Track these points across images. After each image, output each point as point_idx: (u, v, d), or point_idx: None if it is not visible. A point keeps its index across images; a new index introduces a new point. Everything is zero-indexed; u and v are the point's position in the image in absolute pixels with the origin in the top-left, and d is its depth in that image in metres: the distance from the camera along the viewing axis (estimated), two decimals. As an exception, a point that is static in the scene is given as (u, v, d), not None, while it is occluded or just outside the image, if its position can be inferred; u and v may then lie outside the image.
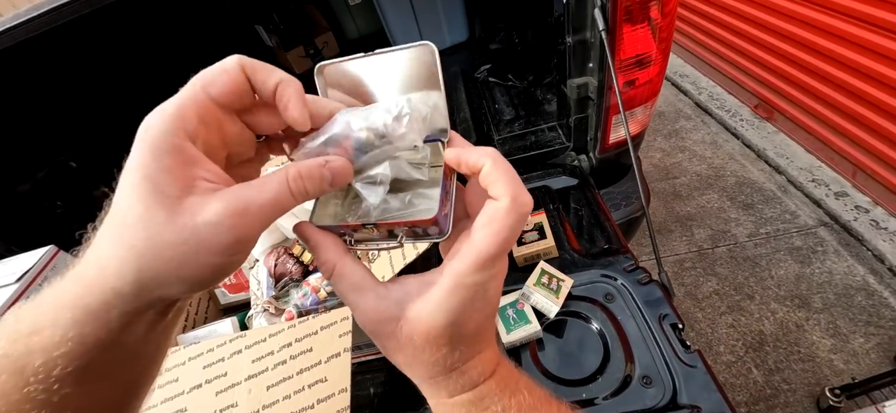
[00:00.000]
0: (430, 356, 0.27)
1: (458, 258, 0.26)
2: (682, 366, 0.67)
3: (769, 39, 2.25)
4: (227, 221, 0.22)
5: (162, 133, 0.23)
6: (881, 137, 1.81)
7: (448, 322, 0.26)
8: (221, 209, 0.22)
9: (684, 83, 2.96)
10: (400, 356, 0.28)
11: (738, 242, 2.03)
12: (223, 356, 0.69)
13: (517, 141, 1.20)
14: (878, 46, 1.68)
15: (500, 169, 0.26)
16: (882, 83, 1.72)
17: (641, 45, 0.85)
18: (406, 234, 0.29)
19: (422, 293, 0.27)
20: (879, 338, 1.62)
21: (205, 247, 0.22)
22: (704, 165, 2.44)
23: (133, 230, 0.22)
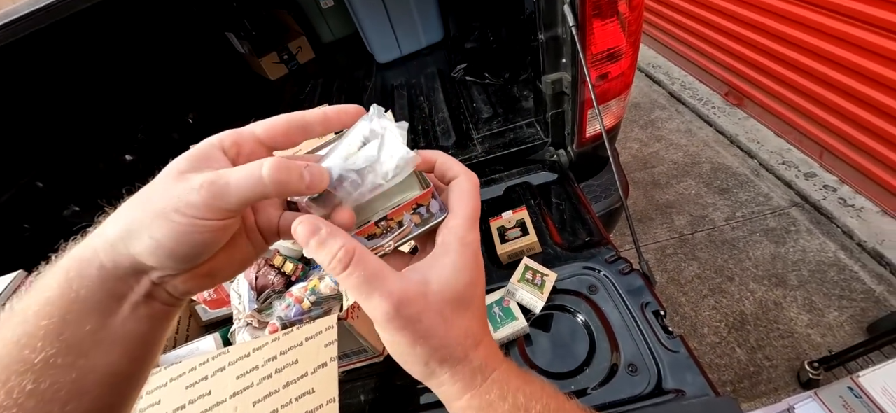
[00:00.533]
0: (460, 328, 0.29)
1: (450, 228, 0.30)
2: (666, 351, 0.68)
3: (737, 29, 2.32)
4: (200, 184, 0.25)
5: (208, 139, 0.28)
6: (846, 119, 1.88)
7: (468, 281, 0.29)
8: (201, 177, 0.25)
9: (657, 74, 3.03)
10: (429, 342, 0.28)
11: (716, 226, 2.09)
12: (206, 374, 0.68)
13: (496, 138, 1.20)
14: (841, 32, 1.75)
15: (449, 158, 0.33)
16: (845, 67, 1.79)
17: (612, 40, 0.87)
18: (413, 220, 0.31)
19: (435, 266, 0.29)
20: (852, 310, 1.69)
21: (175, 202, 0.25)
22: (680, 153, 2.49)
23: (138, 194, 0.26)
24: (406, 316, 0.27)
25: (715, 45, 2.55)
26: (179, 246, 0.25)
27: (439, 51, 1.88)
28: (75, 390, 0.25)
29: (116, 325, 0.26)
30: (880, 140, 1.77)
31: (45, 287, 0.25)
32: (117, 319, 0.26)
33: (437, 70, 1.69)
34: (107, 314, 0.26)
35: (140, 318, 0.27)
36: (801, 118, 2.12)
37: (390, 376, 0.82)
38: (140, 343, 0.28)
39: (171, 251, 0.25)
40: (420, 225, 0.31)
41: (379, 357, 0.83)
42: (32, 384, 0.23)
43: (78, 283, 0.25)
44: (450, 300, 0.28)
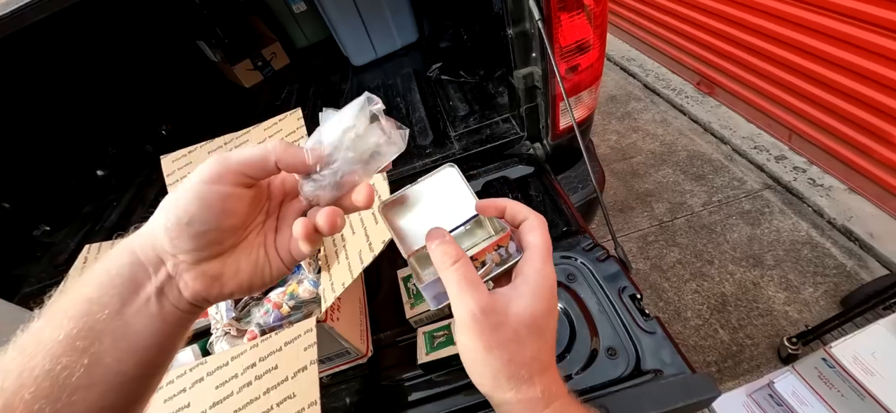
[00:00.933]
0: (531, 350, 0.31)
1: (528, 263, 0.34)
2: (643, 333, 0.69)
3: (707, 20, 2.38)
4: (212, 157, 0.30)
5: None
6: (812, 103, 1.95)
7: (544, 310, 0.32)
8: (215, 157, 0.30)
9: (632, 67, 3.09)
10: (501, 353, 0.31)
11: (695, 212, 2.14)
12: (184, 386, 0.66)
13: (473, 135, 1.21)
14: (805, 20, 1.82)
15: (517, 204, 0.37)
16: (810, 54, 1.86)
17: (579, 32, 0.88)
18: (494, 260, 0.36)
19: (515, 292, 0.33)
20: (826, 286, 1.74)
21: (194, 175, 0.29)
22: (657, 143, 2.55)
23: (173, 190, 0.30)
24: (487, 322, 0.30)
25: (686, 36, 2.62)
26: (191, 215, 0.28)
27: (414, 51, 1.88)
28: (84, 380, 0.26)
29: (129, 316, 0.29)
30: (845, 122, 1.84)
31: (89, 271, 0.29)
32: (131, 309, 0.29)
33: (413, 70, 1.69)
34: (124, 303, 0.29)
35: (150, 316, 0.29)
36: (770, 104, 2.19)
37: (375, 377, 0.81)
38: (146, 343, 0.29)
39: (184, 222, 0.28)
40: (500, 264, 0.36)
41: (362, 359, 0.82)
42: (49, 364, 0.25)
43: (114, 266, 0.29)
44: (527, 323, 0.31)
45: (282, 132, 0.95)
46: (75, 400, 0.26)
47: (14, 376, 0.25)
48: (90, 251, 0.91)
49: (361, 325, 0.83)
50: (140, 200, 1.50)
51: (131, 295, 0.29)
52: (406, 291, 0.84)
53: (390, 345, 0.84)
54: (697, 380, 0.61)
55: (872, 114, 1.72)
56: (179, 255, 0.29)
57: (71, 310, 0.27)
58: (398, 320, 0.84)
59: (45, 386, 0.25)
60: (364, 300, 0.89)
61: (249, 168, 0.30)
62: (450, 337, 0.74)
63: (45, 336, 0.26)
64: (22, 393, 0.25)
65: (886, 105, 1.65)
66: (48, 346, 0.26)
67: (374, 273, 0.98)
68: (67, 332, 0.26)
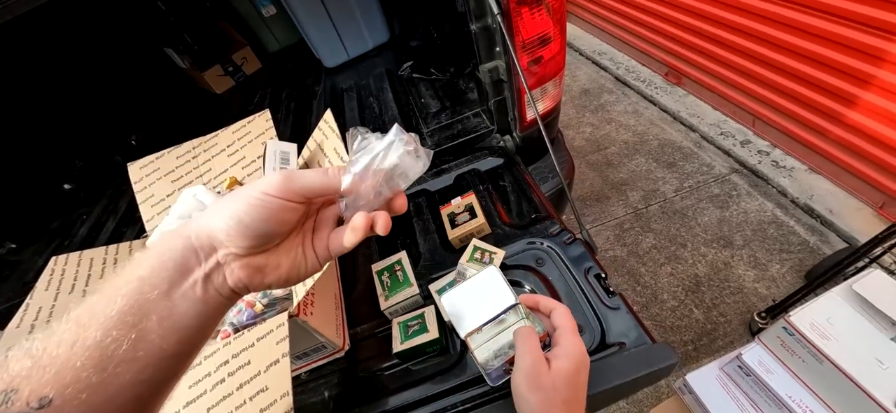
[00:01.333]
0: (563, 393, 0.43)
1: (562, 336, 0.48)
2: (608, 310, 0.72)
3: (674, 14, 2.46)
4: (280, 174, 0.34)
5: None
6: (774, 90, 2.04)
7: (574, 369, 0.45)
8: (279, 175, 0.34)
9: (603, 61, 3.16)
10: (539, 393, 0.43)
11: (667, 198, 2.20)
12: (157, 390, 0.66)
13: (445, 131, 1.23)
14: (767, 11, 1.89)
15: (548, 298, 0.54)
16: (772, 43, 1.94)
17: (540, 26, 0.91)
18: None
19: (556, 352, 0.46)
20: (791, 262, 1.82)
21: (260, 185, 0.33)
22: (630, 133, 2.61)
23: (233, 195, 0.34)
24: (534, 373, 0.44)
25: (654, 30, 2.70)
26: (252, 219, 0.32)
27: (386, 51, 1.89)
28: (129, 353, 0.29)
29: (176, 298, 0.31)
30: (804, 106, 1.93)
31: (143, 252, 0.32)
32: (178, 292, 0.31)
33: (386, 70, 1.70)
34: (173, 285, 0.31)
35: (195, 300, 0.32)
36: (735, 92, 2.28)
37: (353, 370, 0.82)
38: (187, 324, 0.32)
39: (244, 223, 0.32)
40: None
41: (340, 352, 0.83)
42: (100, 335, 0.28)
43: (166, 250, 0.32)
44: (562, 376, 0.44)
45: (251, 134, 0.96)
46: (119, 371, 0.28)
47: (67, 345, 0.27)
48: (57, 263, 0.89)
49: (337, 320, 0.84)
50: (111, 212, 1.47)
51: (180, 278, 0.31)
52: (380, 285, 0.86)
53: (367, 337, 0.85)
54: (657, 349, 0.64)
55: (828, 97, 1.80)
56: (232, 247, 0.33)
57: (123, 288, 0.29)
58: (374, 313, 0.86)
59: (95, 356, 0.27)
60: (340, 295, 0.90)
61: (312, 193, 0.35)
62: (423, 325, 0.76)
63: (99, 309, 0.28)
64: (73, 361, 0.27)
65: (840, 88, 1.73)
66: (101, 319, 0.28)
67: (350, 270, 0.99)
68: (119, 308, 0.29)
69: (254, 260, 0.34)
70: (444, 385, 0.71)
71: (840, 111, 1.77)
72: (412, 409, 0.70)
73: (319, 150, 0.90)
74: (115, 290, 0.29)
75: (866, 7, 1.54)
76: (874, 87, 1.62)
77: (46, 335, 0.28)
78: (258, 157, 0.95)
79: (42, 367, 0.26)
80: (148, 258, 0.31)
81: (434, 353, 0.77)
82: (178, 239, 0.32)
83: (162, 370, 0.31)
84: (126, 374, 0.28)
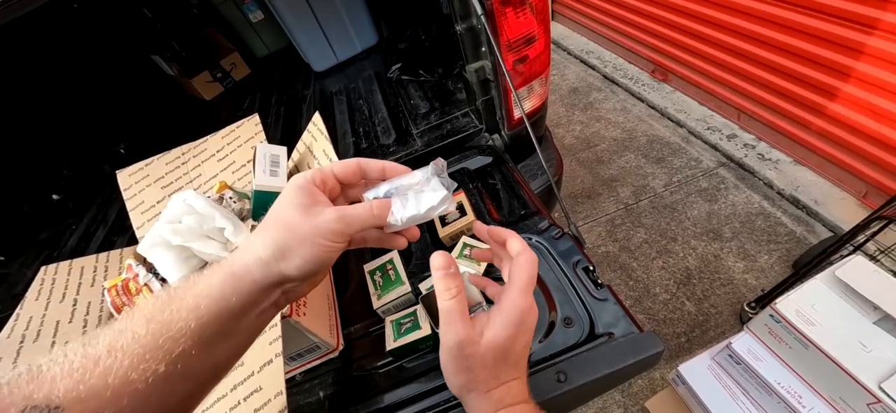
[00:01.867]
0: (494, 369, 0.39)
1: (506, 293, 0.40)
2: (596, 301, 0.73)
3: (659, 12, 2.49)
4: (335, 218, 0.36)
5: (303, 179, 0.38)
6: (758, 85, 2.07)
7: (512, 335, 0.39)
8: (333, 212, 0.36)
9: (591, 59, 3.19)
10: (464, 375, 0.39)
11: (657, 193, 2.23)
12: (150, 395, 0.66)
13: (434, 131, 1.24)
14: (748, 8, 1.93)
15: (518, 240, 0.44)
16: (754, 39, 1.98)
17: (525, 26, 0.92)
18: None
19: (490, 320, 0.40)
20: (779, 252, 1.85)
21: (319, 231, 0.35)
22: (619, 130, 2.64)
23: (278, 224, 0.36)
24: (462, 354, 0.39)
25: (640, 28, 2.73)
26: (316, 263, 0.35)
27: (375, 54, 1.90)
28: (190, 373, 0.31)
29: (243, 325, 0.34)
30: (787, 99, 1.96)
31: (201, 292, 0.32)
32: (246, 321, 0.34)
33: (374, 73, 1.71)
34: (241, 317, 0.34)
35: (261, 322, 0.36)
36: (720, 87, 2.31)
37: (347, 369, 0.83)
38: (250, 340, 0.36)
39: (310, 267, 0.35)
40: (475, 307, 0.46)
41: (334, 352, 0.84)
42: (164, 368, 0.29)
43: (231, 292, 0.33)
44: (493, 348, 0.39)
45: (240, 138, 0.96)
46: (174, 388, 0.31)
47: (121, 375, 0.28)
48: (47, 273, 0.89)
49: (331, 320, 0.84)
50: (101, 221, 1.46)
51: (248, 311, 0.34)
52: (373, 284, 0.86)
53: (361, 336, 0.86)
54: (644, 338, 0.65)
55: (810, 90, 1.84)
56: (298, 280, 0.36)
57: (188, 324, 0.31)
58: (367, 312, 0.86)
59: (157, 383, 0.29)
60: (333, 296, 0.91)
61: (362, 229, 0.38)
62: (415, 323, 0.77)
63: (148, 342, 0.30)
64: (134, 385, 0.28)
65: (821, 81, 1.77)
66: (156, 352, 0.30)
67: (343, 270, 0.99)
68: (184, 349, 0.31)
69: (314, 280, 0.39)
70: (438, 381, 0.72)
71: (822, 104, 1.81)
72: (407, 406, 0.71)
73: (309, 153, 0.91)
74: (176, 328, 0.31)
75: (845, 2, 1.58)
76: (853, 79, 1.66)
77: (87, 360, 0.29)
78: (248, 162, 0.95)
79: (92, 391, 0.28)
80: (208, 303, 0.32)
81: (427, 350, 0.77)
82: (241, 284, 0.34)
83: (215, 380, 0.35)
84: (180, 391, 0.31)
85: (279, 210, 0.36)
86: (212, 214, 0.76)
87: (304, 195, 0.36)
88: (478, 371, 0.39)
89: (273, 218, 0.36)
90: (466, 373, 0.39)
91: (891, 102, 1.58)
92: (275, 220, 0.36)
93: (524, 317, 0.40)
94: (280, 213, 0.36)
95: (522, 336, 0.40)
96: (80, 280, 0.86)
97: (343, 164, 0.41)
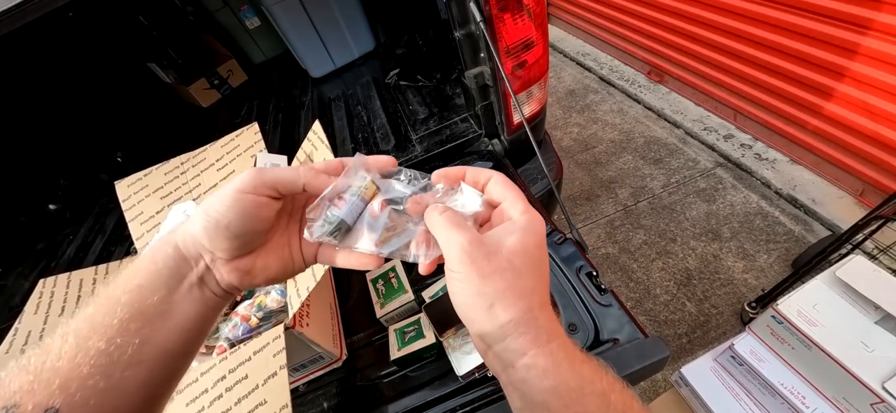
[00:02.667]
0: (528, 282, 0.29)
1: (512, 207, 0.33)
2: (600, 307, 0.73)
3: (654, 14, 2.51)
4: (251, 171, 0.34)
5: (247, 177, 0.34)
6: (753, 85, 2.08)
7: (537, 243, 0.31)
8: (253, 171, 0.34)
9: (587, 62, 3.20)
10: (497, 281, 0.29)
11: (655, 195, 2.23)
12: (153, 410, 0.66)
13: (434, 137, 1.24)
14: (742, 9, 1.94)
15: (475, 168, 0.37)
16: (750, 40, 1.99)
17: (523, 31, 0.93)
18: None
19: (505, 229, 0.32)
20: (778, 251, 1.86)
21: (235, 183, 0.33)
22: (616, 132, 2.65)
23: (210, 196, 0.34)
24: (478, 252, 0.29)
25: (635, 30, 2.74)
26: (229, 219, 0.32)
27: (372, 59, 1.90)
28: (136, 357, 0.30)
29: (176, 301, 0.33)
30: (783, 99, 1.98)
31: (136, 263, 0.33)
32: (177, 296, 0.33)
33: (372, 78, 1.71)
34: (171, 290, 0.32)
35: (193, 300, 0.34)
36: (716, 87, 2.32)
37: (351, 379, 0.82)
38: (189, 324, 0.34)
39: (222, 225, 0.32)
40: None
41: (337, 362, 0.83)
42: (104, 344, 0.29)
43: (159, 258, 0.33)
44: (520, 254, 0.30)
45: (240, 147, 0.96)
46: (127, 375, 0.29)
47: (69, 357, 0.28)
48: (46, 286, 0.88)
49: (333, 330, 0.84)
50: (98, 232, 1.45)
51: (177, 283, 0.33)
52: (375, 293, 0.86)
53: (364, 346, 0.85)
54: (649, 343, 0.65)
55: (805, 90, 1.85)
56: (216, 251, 0.34)
57: (123, 297, 0.31)
58: (370, 321, 0.86)
59: (101, 363, 0.28)
60: (335, 306, 0.90)
61: (281, 185, 0.34)
62: (419, 331, 0.76)
63: (98, 320, 0.30)
64: (79, 371, 0.28)
65: (817, 81, 1.78)
66: (102, 329, 0.29)
67: (345, 280, 0.99)
68: (120, 317, 0.30)
69: (240, 263, 0.35)
70: (444, 389, 0.72)
71: (817, 103, 1.82)
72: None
73: (310, 162, 0.90)
74: (114, 300, 0.31)
75: (839, 3, 1.59)
76: (848, 79, 1.67)
77: (42, 351, 0.28)
78: (248, 171, 0.94)
79: (44, 381, 0.27)
80: (143, 267, 0.33)
81: (431, 358, 0.77)
82: (168, 247, 0.33)
83: (168, 368, 0.33)
84: (134, 378, 0.30)
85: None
86: (213, 225, 0.76)
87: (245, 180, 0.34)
88: (506, 274, 0.29)
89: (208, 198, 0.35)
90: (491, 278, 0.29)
91: (886, 101, 1.59)
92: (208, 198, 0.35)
93: (542, 225, 0.32)
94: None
95: (545, 248, 0.32)
96: (80, 292, 0.86)
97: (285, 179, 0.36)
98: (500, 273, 0.29)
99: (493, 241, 0.30)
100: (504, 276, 0.29)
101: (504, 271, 0.29)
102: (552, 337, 0.29)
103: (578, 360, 0.29)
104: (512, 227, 0.31)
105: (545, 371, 0.28)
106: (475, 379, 0.71)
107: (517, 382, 0.29)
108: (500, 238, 0.31)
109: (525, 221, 0.32)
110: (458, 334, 0.75)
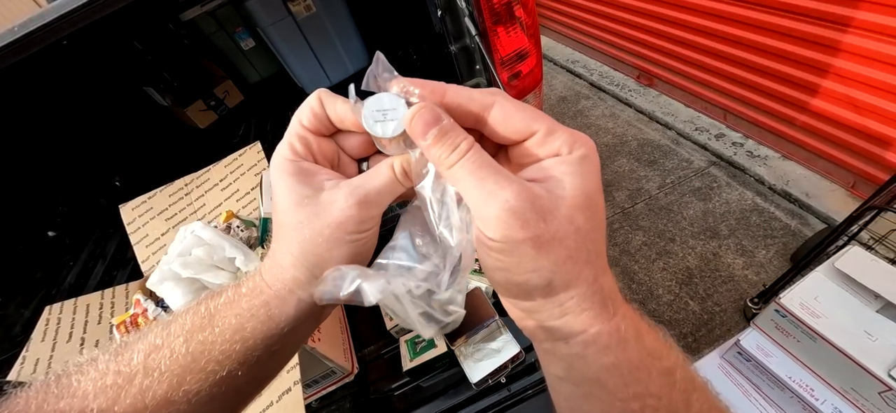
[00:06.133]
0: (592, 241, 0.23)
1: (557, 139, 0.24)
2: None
3: (641, 21, 2.56)
4: (350, 203, 0.26)
5: (282, 160, 0.27)
6: (741, 85, 2.13)
7: (596, 187, 0.24)
8: (343, 197, 0.26)
9: (577, 68, 3.25)
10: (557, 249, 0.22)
11: (652, 196, 2.26)
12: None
13: (434, 148, 1.25)
14: (729, 13, 1.99)
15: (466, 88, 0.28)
16: (734, 41, 2.03)
17: (517, 43, 0.95)
18: None
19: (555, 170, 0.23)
20: (776, 246, 1.88)
21: (341, 226, 0.26)
22: (609, 136, 2.68)
23: (295, 232, 0.27)
24: (530, 210, 0.21)
25: (623, 36, 2.80)
26: (352, 252, 0.27)
27: (368, 75, 1.92)
28: (233, 390, 0.29)
29: (289, 341, 0.30)
30: (771, 98, 2.02)
31: (244, 312, 0.28)
32: (294, 337, 0.30)
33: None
34: (289, 335, 0.29)
35: (306, 331, 0.31)
36: (704, 88, 2.37)
37: (364, 393, 0.82)
38: (296, 349, 0.33)
39: (348, 257, 0.27)
40: None
41: (349, 376, 0.83)
42: (207, 389, 0.27)
43: (279, 316, 0.28)
44: (583, 206, 0.22)
45: (243, 166, 0.96)
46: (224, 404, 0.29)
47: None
48: (51, 313, 0.87)
49: (344, 344, 0.84)
50: (99, 257, 1.43)
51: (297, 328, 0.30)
52: (384, 304, 0.86)
53: (375, 358, 0.85)
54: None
55: (792, 88, 1.89)
56: None
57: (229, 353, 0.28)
58: (380, 333, 0.86)
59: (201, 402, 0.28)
60: (344, 319, 0.90)
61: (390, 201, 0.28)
62: (431, 341, 0.77)
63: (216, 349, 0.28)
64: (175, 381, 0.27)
65: (802, 79, 1.83)
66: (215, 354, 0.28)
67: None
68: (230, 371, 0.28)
69: None
70: (458, 398, 0.72)
71: (804, 100, 1.86)
72: (427, 426, 0.71)
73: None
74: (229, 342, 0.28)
75: (818, 2, 1.64)
76: (832, 75, 1.72)
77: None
78: (252, 189, 0.95)
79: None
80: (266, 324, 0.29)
81: (444, 367, 0.77)
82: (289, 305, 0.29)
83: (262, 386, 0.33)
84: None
85: (285, 214, 0.27)
86: (221, 244, 0.76)
87: (298, 183, 0.26)
88: (567, 237, 0.22)
89: (285, 224, 0.27)
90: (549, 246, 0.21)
91: (870, 95, 1.63)
92: (287, 228, 0.27)
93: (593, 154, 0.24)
94: (286, 217, 0.27)
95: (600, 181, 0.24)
96: (87, 318, 0.85)
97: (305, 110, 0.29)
98: (559, 240, 0.22)
99: (545, 191, 0.22)
100: (565, 243, 0.22)
101: (566, 236, 0.22)
102: (617, 307, 0.24)
103: (644, 332, 0.24)
104: (566, 168, 0.23)
105: (607, 348, 0.23)
106: (489, 386, 0.72)
107: (568, 357, 0.24)
108: (552, 187, 0.22)
109: (581, 155, 0.23)
110: (469, 342, 0.75)
